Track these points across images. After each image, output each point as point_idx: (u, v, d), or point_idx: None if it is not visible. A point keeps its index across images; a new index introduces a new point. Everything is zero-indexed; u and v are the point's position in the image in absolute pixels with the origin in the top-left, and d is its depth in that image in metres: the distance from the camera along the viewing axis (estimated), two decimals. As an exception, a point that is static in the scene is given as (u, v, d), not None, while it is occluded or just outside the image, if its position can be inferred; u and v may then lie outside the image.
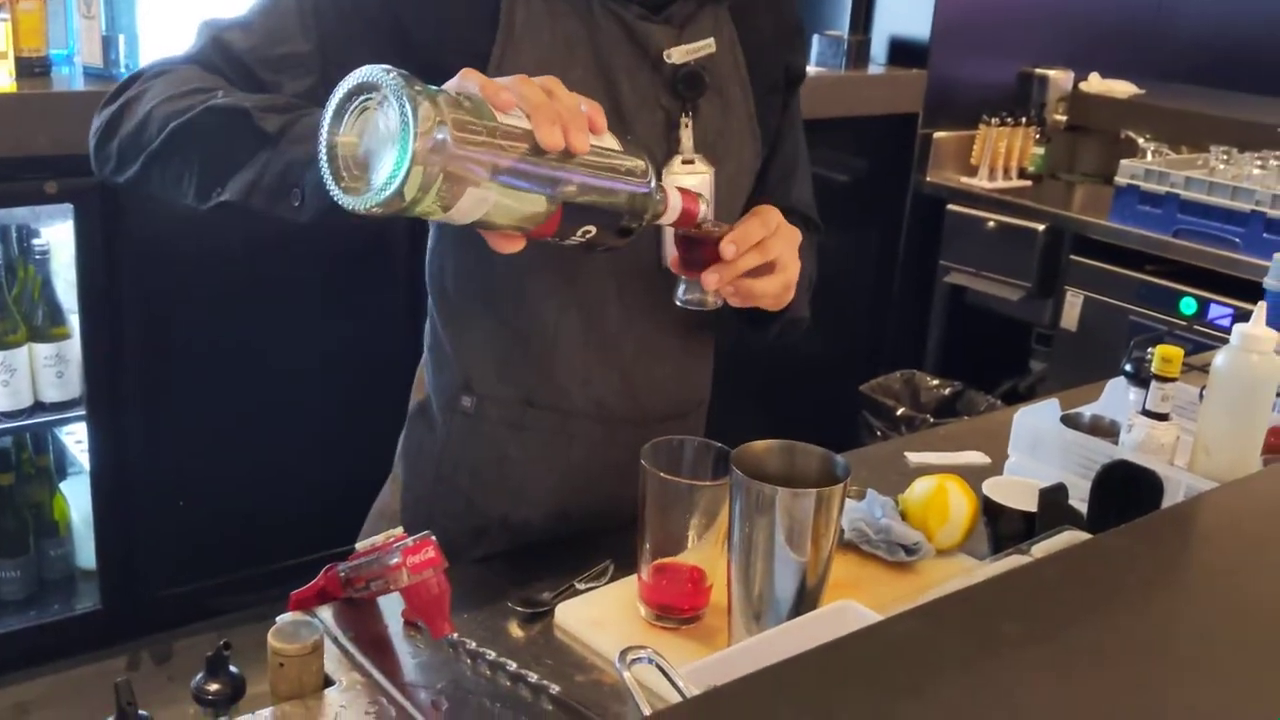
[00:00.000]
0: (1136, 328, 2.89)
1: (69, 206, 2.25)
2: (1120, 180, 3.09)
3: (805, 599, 1.06)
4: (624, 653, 0.98)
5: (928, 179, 3.49)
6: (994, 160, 3.45)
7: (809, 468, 1.08)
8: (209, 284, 2.43)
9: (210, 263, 2.41)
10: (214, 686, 1.01)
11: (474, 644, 1.07)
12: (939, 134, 3.49)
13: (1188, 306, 2.88)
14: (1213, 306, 2.84)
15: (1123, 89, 3.64)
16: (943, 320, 3.54)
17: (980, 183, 3.44)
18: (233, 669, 1.02)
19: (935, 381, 3.40)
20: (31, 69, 2.26)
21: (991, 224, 3.31)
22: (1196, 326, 2.85)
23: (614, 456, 1.28)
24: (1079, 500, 1.29)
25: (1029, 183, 3.50)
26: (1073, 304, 3.13)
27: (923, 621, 0.78)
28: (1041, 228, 3.19)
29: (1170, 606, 0.87)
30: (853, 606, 1.01)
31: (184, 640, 2.58)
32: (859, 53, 3.43)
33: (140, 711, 0.97)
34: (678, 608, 1.15)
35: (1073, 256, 3.14)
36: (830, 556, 1.06)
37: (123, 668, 2.53)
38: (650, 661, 0.97)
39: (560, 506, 1.32)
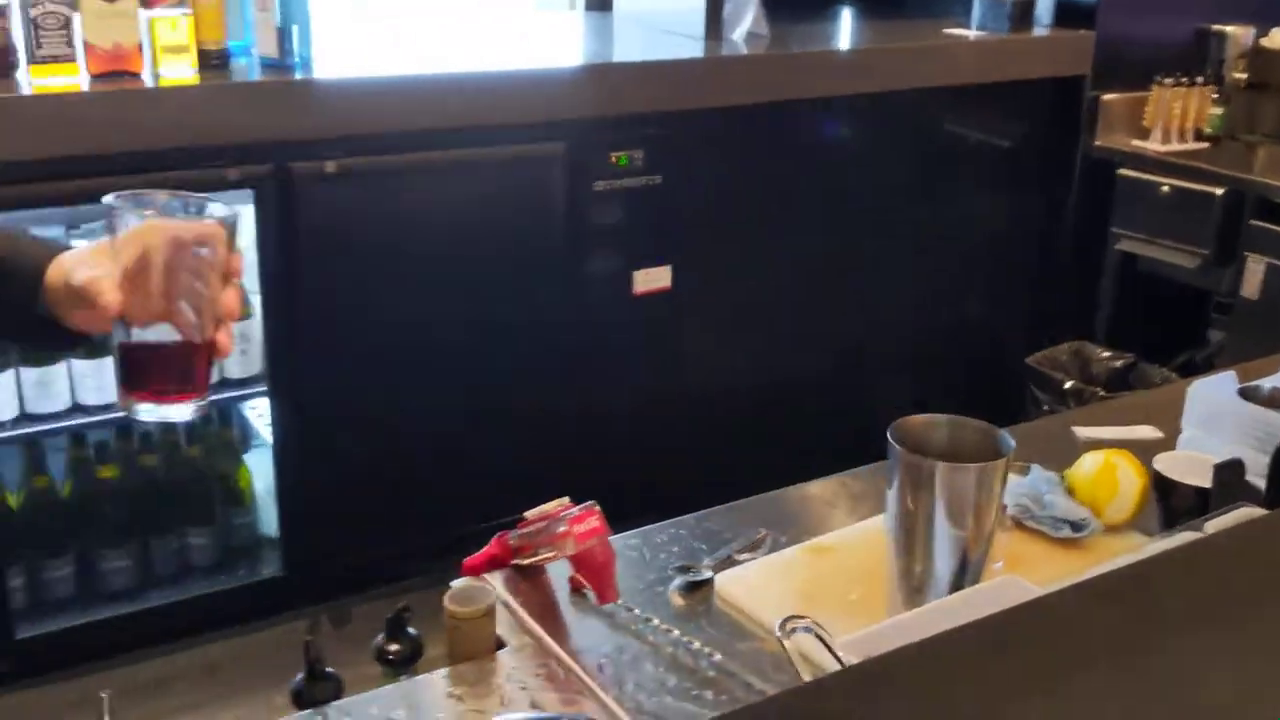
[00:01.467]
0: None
1: (249, 192, 2.36)
2: (1306, 140, 2.93)
3: (966, 574, 1.06)
4: (784, 622, 0.99)
5: (1097, 143, 3.37)
6: (1168, 122, 3.31)
7: (970, 441, 1.07)
8: (382, 265, 2.51)
9: (382, 244, 2.50)
10: (394, 647, 1.06)
11: (638, 610, 1.10)
12: (1108, 96, 3.36)
13: (1381, 273, 2.72)
14: None
15: (1309, 43, 3.44)
16: (1114, 289, 3.42)
17: (1153, 146, 3.30)
18: (411, 631, 1.08)
19: (1106, 353, 3.29)
20: (211, 60, 2.37)
21: (1166, 188, 3.18)
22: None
23: None
24: (1256, 476, 1.25)
25: (1206, 145, 3.34)
26: (1254, 271, 2.98)
27: (1090, 597, 0.77)
28: (1220, 191, 3.05)
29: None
30: (1016, 581, 1.01)
31: (361, 605, 2.69)
32: (1023, 15, 3.33)
33: (327, 669, 1.03)
34: None
35: (1253, 221, 2.99)
36: (992, 532, 1.06)
37: (303, 631, 2.66)
38: (809, 631, 0.99)
39: None
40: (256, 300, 2.47)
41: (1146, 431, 1.52)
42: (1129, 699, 0.68)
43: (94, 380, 2.34)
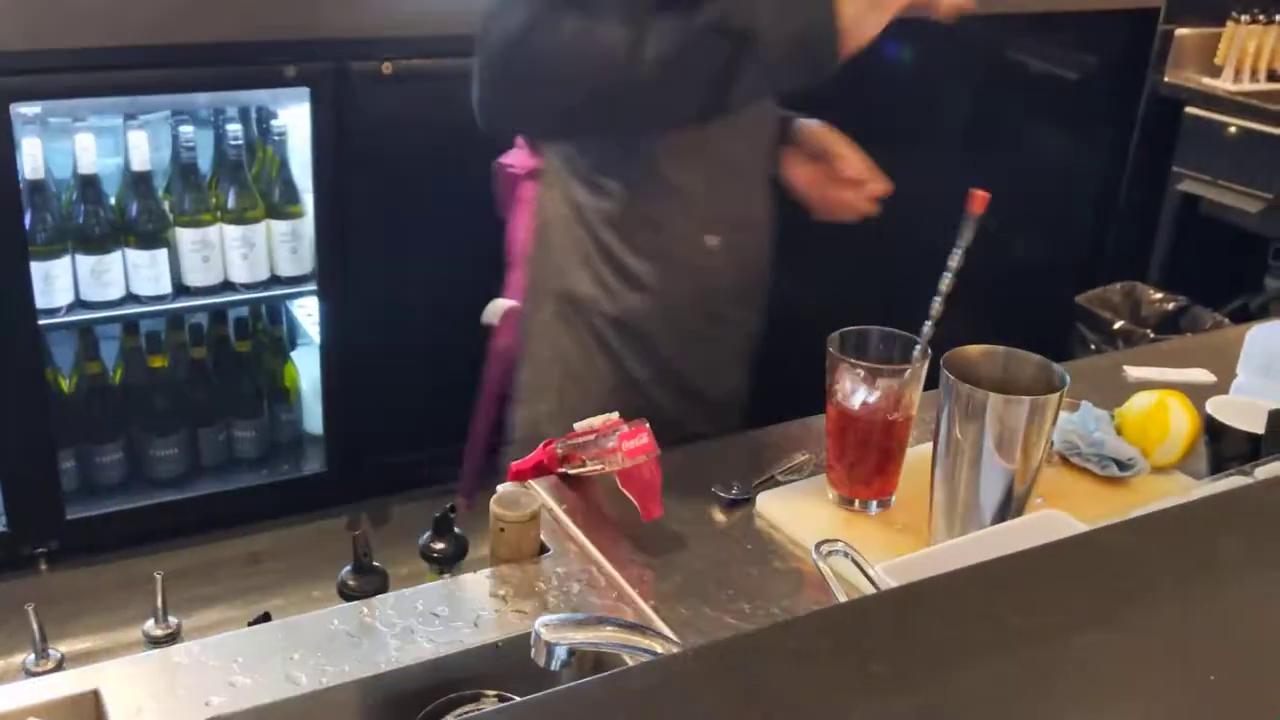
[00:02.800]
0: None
1: (306, 90, 2.36)
2: (1383, 85, 2.84)
3: (1010, 507, 1.06)
4: (820, 545, 1.00)
5: (1165, 79, 3.29)
6: (1241, 60, 3.22)
7: (1023, 374, 1.06)
8: (434, 168, 2.51)
9: (436, 148, 2.49)
10: (440, 545, 1.08)
11: (681, 525, 1.12)
12: (1181, 30, 3.27)
13: None
14: None
15: (1395, -16, 3.33)
16: (1171, 231, 3.36)
17: (1224, 84, 3.22)
18: (457, 530, 1.10)
19: (1158, 295, 3.25)
20: (274, -45, 2.35)
21: (1233, 129, 3.11)
22: None
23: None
24: (1311, 425, 1.23)
25: (1278, 85, 3.26)
26: (1318, 219, 2.92)
27: (1134, 534, 0.77)
28: (1289, 135, 2.98)
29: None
30: (1060, 516, 1.01)
31: (400, 506, 2.74)
32: (1100, -57, 3.24)
33: (374, 563, 1.06)
34: (863, 493, 1.17)
35: (1322, 167, 2.93)
36: (1040, 466, 1.05)
37: (343, 527, 2.71)
38: (845, 555, 0.99)
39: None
40: (309, 198, 2.48)
41: (1199, 375, 1.50)
42: (1174, 635, 0.68)
43: (149, 271, 2.37)
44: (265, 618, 1.01)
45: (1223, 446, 1.25)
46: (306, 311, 2.74)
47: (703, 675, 0.65)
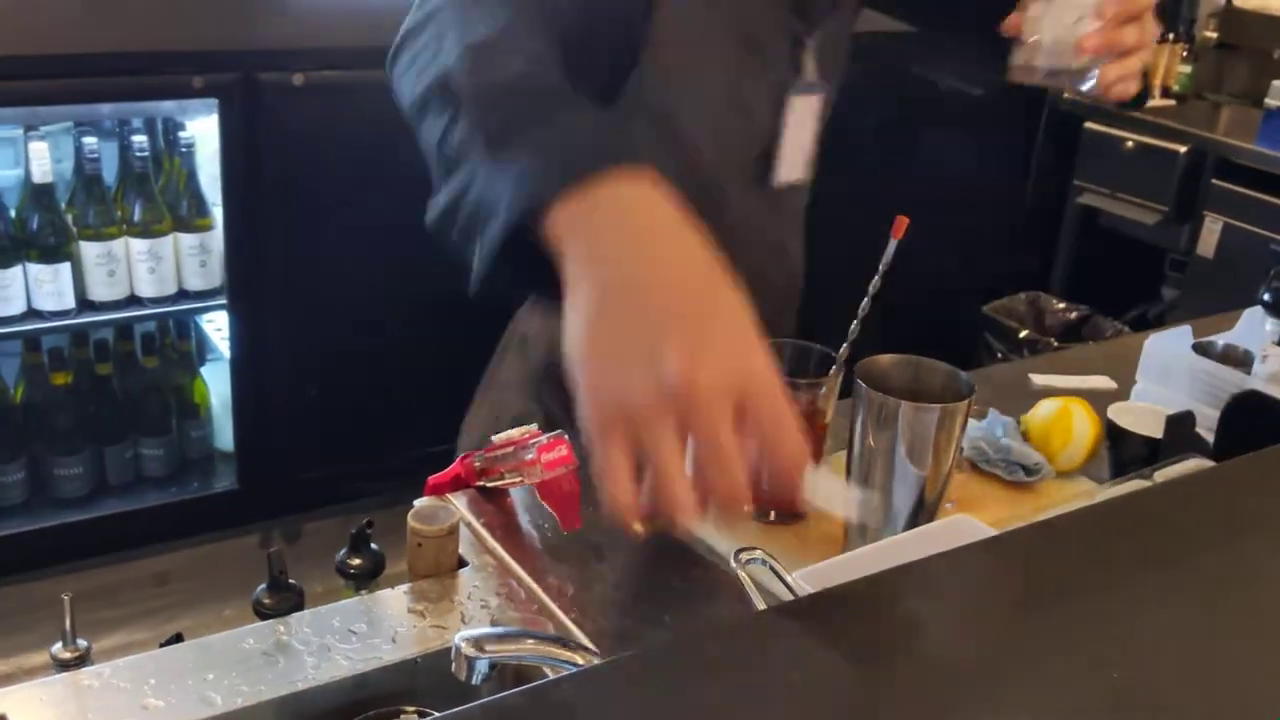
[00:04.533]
0: (1278, 257, 2.79)
1: (213, 101, 2.32)
2: (1271, 102, 2.96)
3: (922, 512, 1.08)
4: (738, 552, 1.01)
5: (1065, 95, 3.39)
6: (1137, 78, 3.32)
7: (933, 383, 1.09)
8: (346, 180, 2.49)
9: (347, 160, 2.47)
10: (356, 561, 1.07)
11: (601, 537, 1.12)
12: (1080, 49, 3.38)
13: (1334, 237, 2.77)
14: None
15: (1280, 5, 3.47)
16: (1073, 242, 3.46)
17: (1120, 101, 3.32)
18: (373, 546, 1.09)
19: (1061, 305, 3.34)
20: (180, -36, 2.32)
21: (1130, 144, 3.21)
22: (1343, 258, 2.74)
23: None
24: (1206, 430, 1.28)
25: (1173, 102, 3.38)
26: (1211, 230, 3.03)
27: (1040, 537, 0.80)
28: (1183, 149, 3.09)
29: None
30: (969, 521, 1.03)
31: (314, 523, 2.70)
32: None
33: (290, 580, 1.04)
34: (778, 504, 1.18)
35: (1214, 181, 3.04)
36: (950, 472, 1.08)
37: (255, 545, 2.67)
38: (764, 563, 1.01)
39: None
40: (218, 212, 2.45)
41: (1101, 382, 1.55)
42: (1081, 634, 0.71)
43: (51, 285, 2.31)
44: (177, 638, 0.99)
45: (1123, 451, 1.29)
46: (216, 326, 2.70)
47: (623, 685, 0.65)
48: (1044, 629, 0.71)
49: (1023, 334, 3.20)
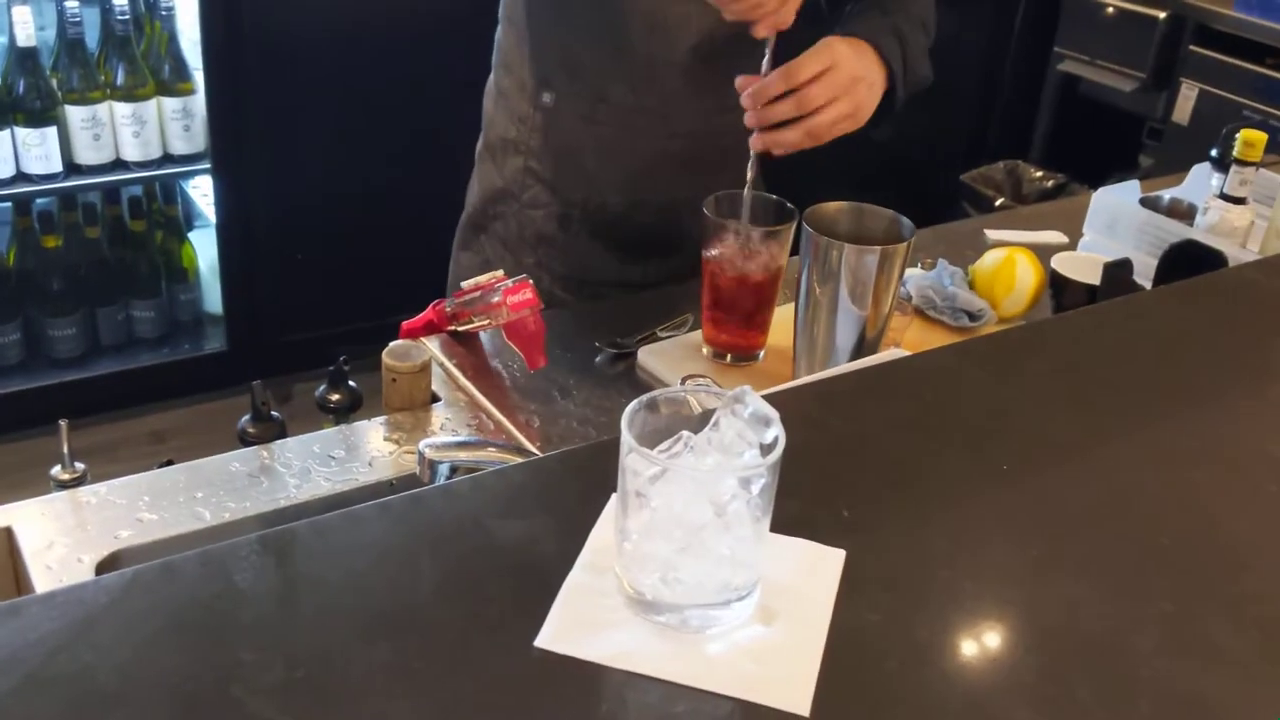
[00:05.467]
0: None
1: (193, -38, 2.33)
2: (1251, -33, 2.96)
3: (864, 349, 1.15)
4: (684, 380, 1.08)
5: (1049, -40, 3.38)
6: (1121, -57, 3.31)
7: (877, 228, 1.15)
8: (329, 39, 2.50)
9: (330, 16, 2.48)
10: (335, 396, 1.14)
11: (566, 376, 1.19)
12: (1064, -88, 3.35)
13: (1305, 103, 2.80)
14: (1333, 105, 2.76)
15: None
16: (1052, 110, 3.48)
17: (1104, -34, 3.31)
18: (351, 383, 1.16)
19: (1039, 173, 3.37)
20: None
21: (1110, 9, 3.21)
22: (1312, 125, 2.78)
23: (676, 149, 1.39)
24: (1146, 280, 1.34)
25: (1156, -32, 3.36)
26: (1186, 97, 3.05)
27: (955, 356, 0.87)
28: (1163, 15, 3.09)
29: (1199, 358, 0.93)
30: (901, 354, 1.10)
31: (303, 384, 2.77)
32: None
33: (273, 413, 1.12)
34: (735, 346, 1.26)
35: (1192, 47, 3.05)
36: (890, 312, 1.14)
37: (247, 405, 2.74)
38: (706, 388, 1.08)
39: (633, 195, 1.43)
40: (199, 75, 2.46)
41: (1052, 236, 1.61)
42: (972, 434, 0.78)
43: (39, 149, 2.34)
44: (168, 464, 1.07)
45: (1064, 298, 1.36)
46: (202, 192, 2.73)
47: (566, 472, 0.73)
48: (939, 430, 0.79)
49: (999, 202, 3.24)
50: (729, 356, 1.27)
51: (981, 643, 0.63)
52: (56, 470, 1.03)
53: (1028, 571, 0.68)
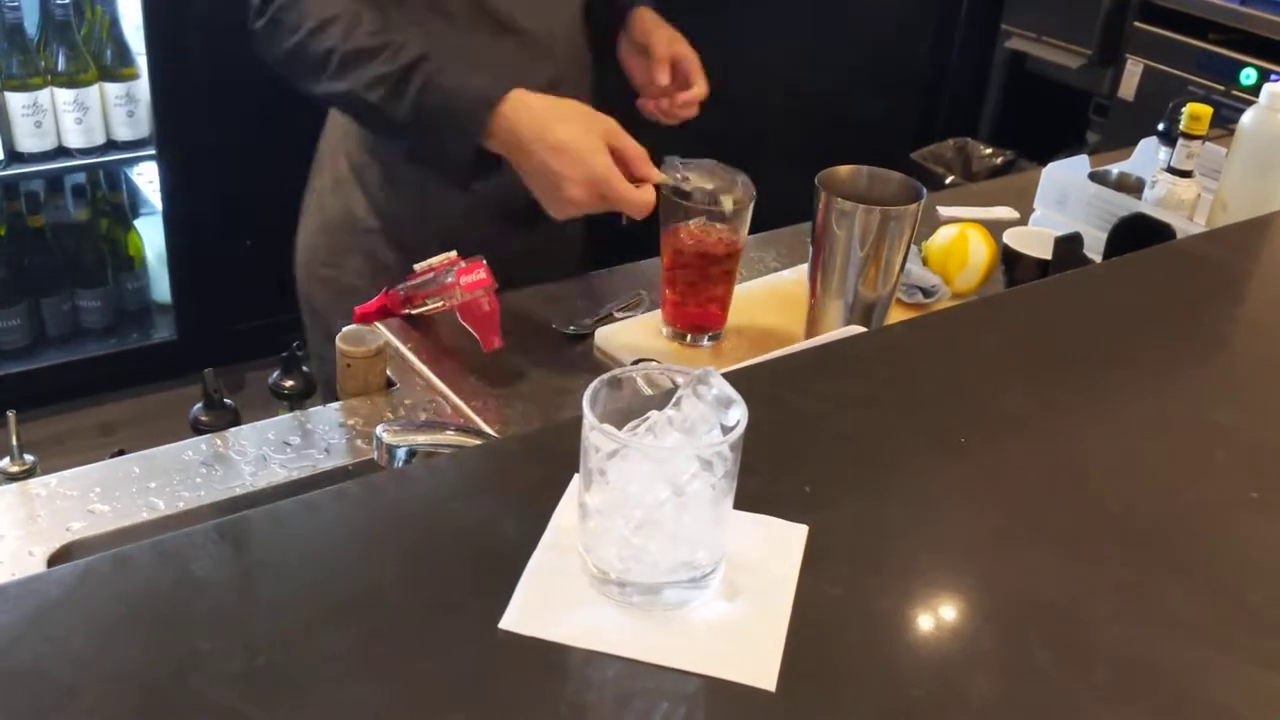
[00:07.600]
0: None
1: (134, -55, 2.28)
2: (1194, -57, 2.99)
3: (877, 309, 1.16)
4: (634, 362, 1.08)
5: (996, -63, 3.39)
6: (1065, -80, 3.33)
7: (885, 191, 1.18)
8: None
9: None
10: (289, 382, 1.13)
11: (522, 357, 1.19)
12: (1010, -110, 3.37)
13: (1248, 78, 2.84)
14: (1275, 79, 2.79)
15: None
16: (1001, 87, 3.50)
17: (1049, -57, 3.33)
18: (305, 369, 1.15)
19: (988, 150, 3.39)
20: None
21: (1057, -15, 3.23)
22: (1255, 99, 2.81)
23: None
24: (1096, 253, 1.36)
25: (1100, -55, 3.38)
26: (1132, 73, 3.09)
27: (910, 332, 0.87)
28: (1108, -9, 3.12)
29: (1149, 329, 0.95)
30: (860, 330, 1.11)
31: (255, 372, 2.74)
32: None
33: (226, 400, 1.10)
34: (695, 325, 1.26)
35: (1137, 24, 3.08)
36: (901, 270, 1.16)
37: (198, 395, 2.71)
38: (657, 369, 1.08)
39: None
40: (143, 61, 2.42)
41: (1004, 212, 1.62)
42: (929, 410, 0.79)
43: (-24, 136, 2.30)
44: (120, 454, 1.05)
45: (1016, 273, 1.37)
46: (148, 179, 2.69)
47: (525, 454, 0.73)
48: (896, 405, 0.79)
49: (949, 180, 3.26)
50: (689, 336, 1.27)
51: (941, 612, 0.63)
52: (5, 462, 1.01)
53: (986, 541, 0.68)
